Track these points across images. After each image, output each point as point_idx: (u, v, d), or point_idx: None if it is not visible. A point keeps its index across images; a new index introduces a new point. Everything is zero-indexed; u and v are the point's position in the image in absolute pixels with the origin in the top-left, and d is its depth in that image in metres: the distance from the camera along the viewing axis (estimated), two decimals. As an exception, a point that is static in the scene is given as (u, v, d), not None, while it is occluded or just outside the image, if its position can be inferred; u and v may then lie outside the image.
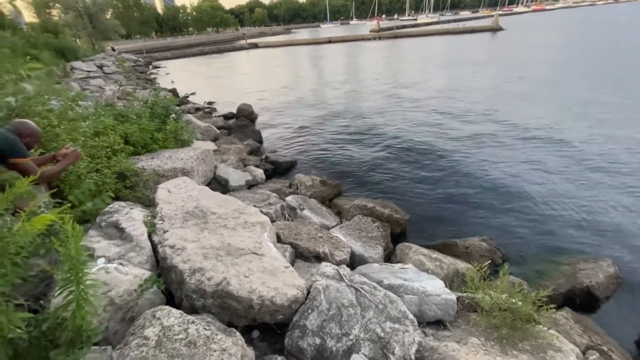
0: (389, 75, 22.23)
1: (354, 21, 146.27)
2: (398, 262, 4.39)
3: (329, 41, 57.75)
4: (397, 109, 13.53)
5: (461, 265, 4.31)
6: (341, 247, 4.17)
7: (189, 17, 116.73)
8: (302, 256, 4.02)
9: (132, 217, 3.23)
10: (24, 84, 4.40)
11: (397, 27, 68.74)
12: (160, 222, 3.25)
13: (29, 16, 39.96)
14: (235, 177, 6.63)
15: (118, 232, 3.04)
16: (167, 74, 31.28)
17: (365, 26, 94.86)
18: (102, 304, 2.17)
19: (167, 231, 3.09)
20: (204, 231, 3.14)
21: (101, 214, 3.26)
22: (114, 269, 2.47)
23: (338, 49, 46.17)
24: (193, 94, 19.71)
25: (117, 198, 3.88)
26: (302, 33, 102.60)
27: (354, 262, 4.34)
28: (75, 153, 3.09)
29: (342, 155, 9.38)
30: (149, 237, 3.05)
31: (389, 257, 4.82)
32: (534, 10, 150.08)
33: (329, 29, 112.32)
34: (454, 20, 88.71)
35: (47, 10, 41.38)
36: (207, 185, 6.01)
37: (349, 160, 8.98)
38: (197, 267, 2.64)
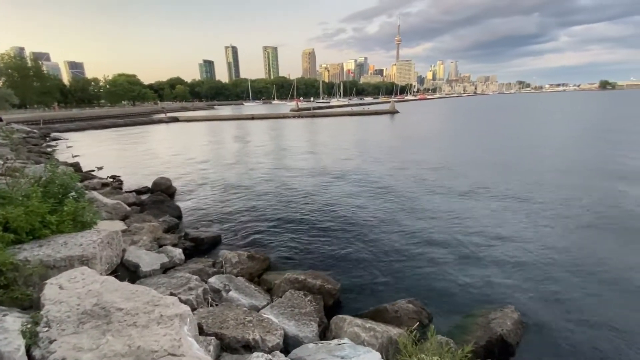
0: (310, 149, 24.02)
1: (276, 101, 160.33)
2: (334, 337, 4.22)
3: (252, 118, 60.93)
4: (319, 180, 14.38)
5: (393, 331, 4.36)
6: (273, 330, 3.86)
7: (102, 90, 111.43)
8: (229, 347, 3.57)
9: (3, 327, 2.51)
10: None
11: (314, 108, 77.20)
12: (46, 329, 2.60)
13: None
14: (148, 260, 5.88)
15: (-22, 353, 2.30)
16: (68, 147, 28.09)
17: (286, 106, 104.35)
18: None
19: (55, 341, 2.47)
20: (106, 334, 2.60)
21: (-47, 330, 2.47)
22: (-37, 410, 1.81)
23: (261, 125, 48.76)
24: (100, 168, 17.89)
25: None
26: (226, 109, 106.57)
27: (288, 344, 4.03)
28: None
29: (268, 225, 9.26)
30: (28, 351, 2.38)
31: (324, 332, 4.61)
32: (420, 99, 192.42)
33: (252, 107, 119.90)
34: (361, 104, 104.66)
35: None
36: (113, 273, 5.17)
37: (276, 230, 8.88)
38: (94, 384, 2.11)
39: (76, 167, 16.74)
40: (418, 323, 4.77)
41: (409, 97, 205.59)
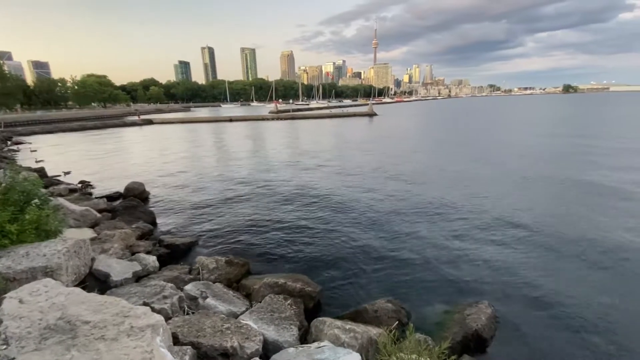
0: (288, 151, 23.89)
1: (255, 103, 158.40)
2: (314, 340, 4.20)
3: (230, 120, 59.89)
4: (297, 182, 14.32)
5: (373, 331, 4.39)
6: (252, 336, 3.79)
7: (69, 91, 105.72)
8: (206, 356, 3.47)
9: (-48, 348, 2.32)
10: None
11: (293, 110, 77.04)
12: (4, 347, 2.42)
13: None
14: (119, 269, 5.63)
15: None
16: (32, 151, 26.49)
17: (265, 108, 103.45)
18: None
19: (14, 359, 2.30)
20: (71, 350, 2.45)
21: None
22: None
23: (240, 127, 48.03)
24: (68, 173, 16.99)
25: None
26: (202, 111, 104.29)
27: (268, 350, 3.97)
28: None
29: (247, 229, 9.11)
30: (-20, 374, 2.21)
31: (304, 336, 4.58)
32: (396, 101, 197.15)
33: (229, 109, 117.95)
34: (339, 107, 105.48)
35: None
36: (81, 284, 4.91)
37: (255, 234, 8.75)
38: (56, 404, 1.98)
39: (40, 172, 15.82)
40: (397, 322, 4.83)
41: (387, 99, 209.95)
